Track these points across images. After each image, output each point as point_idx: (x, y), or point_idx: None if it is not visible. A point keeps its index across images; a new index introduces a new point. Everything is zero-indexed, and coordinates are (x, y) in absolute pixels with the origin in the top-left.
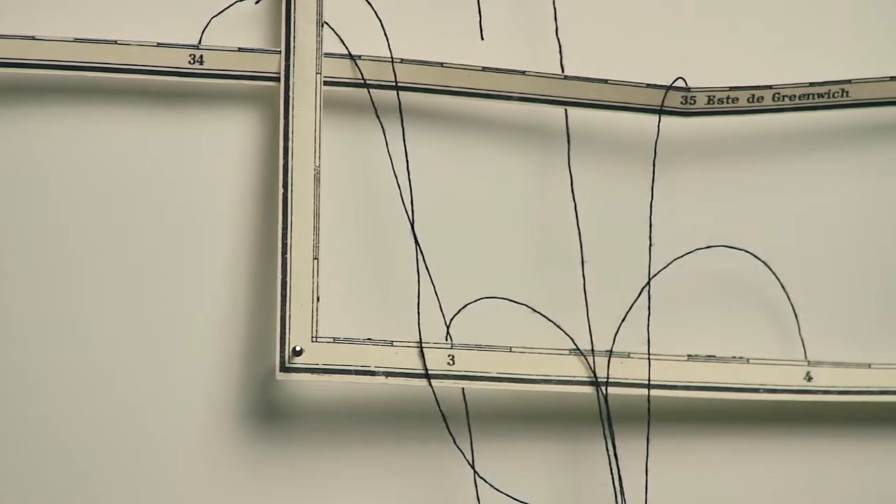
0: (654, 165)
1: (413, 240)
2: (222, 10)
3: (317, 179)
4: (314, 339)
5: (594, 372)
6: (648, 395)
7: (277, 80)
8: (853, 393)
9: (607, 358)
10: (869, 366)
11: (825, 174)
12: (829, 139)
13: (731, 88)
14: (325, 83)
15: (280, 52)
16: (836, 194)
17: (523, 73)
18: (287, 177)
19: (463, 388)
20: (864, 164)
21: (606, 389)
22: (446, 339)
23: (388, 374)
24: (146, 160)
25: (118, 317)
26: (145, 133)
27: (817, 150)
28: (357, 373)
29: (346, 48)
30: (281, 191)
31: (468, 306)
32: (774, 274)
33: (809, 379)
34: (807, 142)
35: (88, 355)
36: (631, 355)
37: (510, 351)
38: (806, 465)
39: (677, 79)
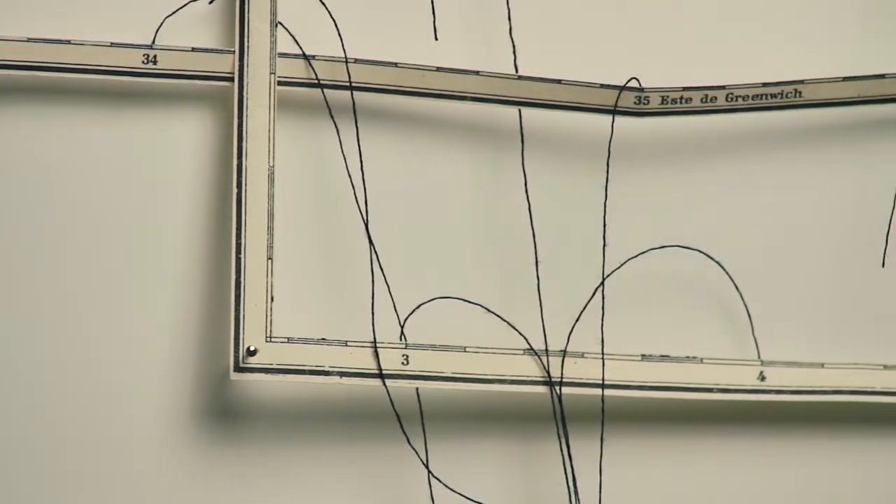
0: (607, 165)
1: (367, 240)
2: (176, 10)
3: (271, 179)
4: (268, 339)
5: (548, 372)
6: (602, 395)
7: (231, 80)
8: (806, 393)
9: (561, 358)
10: (822, 365)
11: (778, 174)
12: (782, 139)
13: (685, 89)
14: (280, 83)
15: (234, 52)
16: (790, 194)
17: (477, 73)
18: (241, 177)
19: (417, 388)
20: (817, 165)
21: (560, 389)
22: (401, 339)
23: (342, 374)
24: (100, 160)
25: (72, 316)
26: (99, 133)
27: (771, 150)
28: (311, 373)
29: (301, 48)
30: (235, 191)
31: (422, 306)
32: (728, 274)
33: (763, 379)
34: (760, 142)
35: (42, 354)
36: (585, 355)
37: (464, 351)
38: (759, 464)
39: (631, 79)
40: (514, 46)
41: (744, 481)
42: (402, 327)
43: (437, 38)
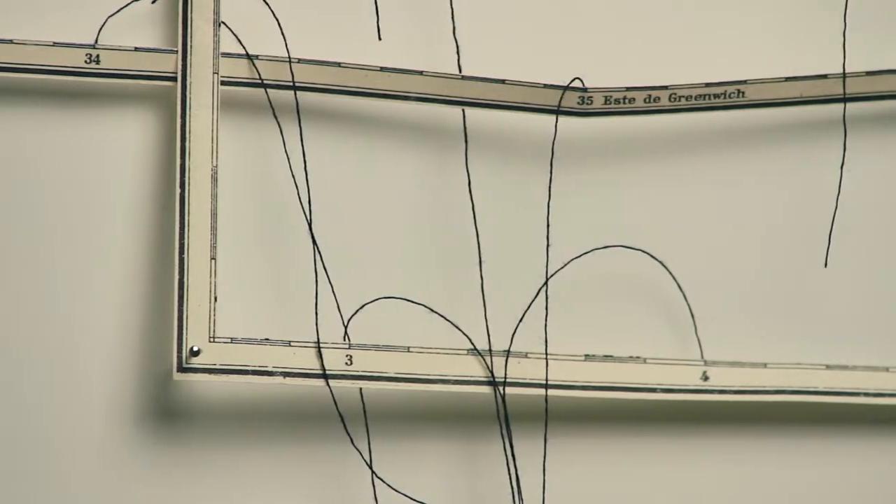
0: (551, 165)
1: (311, 240)
2: (119, 10)
3: (214, 179)
4: (211, 340)
5: (492, 372)
6: (546, 395)
7: (174, 79)
8: (749, 392)
9: (505, 358)
10: (765, 365)
11: (722, 174)
12: (725, 139)
13: (628, 89)
14: (223, 83)
15: (177, 51)
16: (732, 194)
17: (421, 73)
18: (184, 177)
19: (361, 389)
20: (760, 165)
21: (504, 389)
22: (344, 340)
23: (285, 375)
24: (42, 160)
25: (14, 316)
26: (41, 133)
27: (714, 150)
28: (255, 373)
29: (244, 48)
30: (178, 191)
31: (366, 306)
32: (671, 274)
33: (706, 378)
34: (703, 142)
35: None
36: (528, 355)
37: (408, 351)
38: (701, 463)
39: (574, 79)
40: (457, 46)
41: (686, 481)
42: (345, 327)
43: (380, 38)
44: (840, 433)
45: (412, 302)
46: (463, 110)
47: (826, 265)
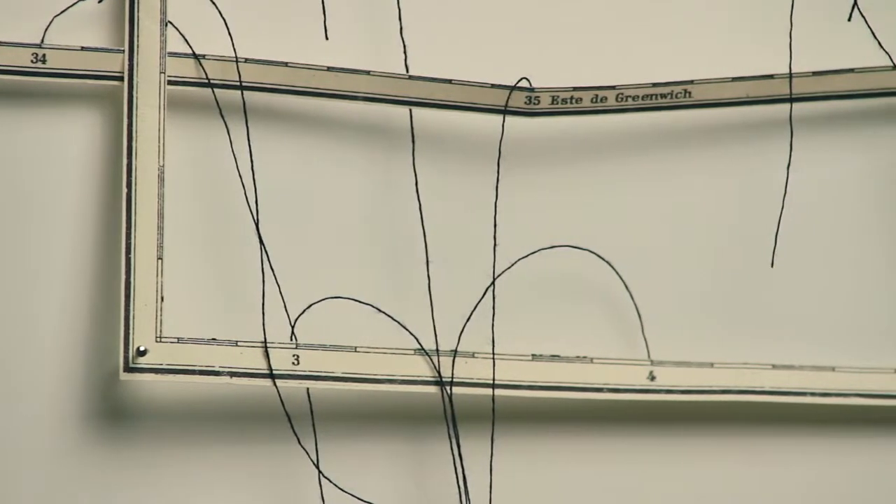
0: (498, 165)
1: (258, 239)
2: (65, 9)
3: (161, 179)
4: (158, 339)
5: (439, 372)
6: (493, 395)
7: (121, 79)
8: (696, 392)
9: (452, 358)
10: (711, 365)
11: (669, 174)
12: (672, 139)
13: (575, 89)
14: (170, 83)
15: (124, 51)
16: (680, 194)
17: (368, 73)
18: (131, 176)
19: (308, 388)
20: (707, 165)
21: (451, 389)
22: (291, 339)
23: (232, 374)
24: None
25: None
26: None
27: (661, 150)
28: (201, 373)
29: (191, 47)
30: (125, 190)
31: (313, 306)
32: (618, 274)
33: (652, 378)
34: (650, 142)
35: None
36: (475, 355)
37: (355, 351)
38: (648, 463)
39: (521, 79)
40: (404, 46)
41: (633, 481)
42: (292, 327)
43: (327, 38)
44: (786, 433)
45: (359, 302)
46: (410, 110)
47: (772, 265)
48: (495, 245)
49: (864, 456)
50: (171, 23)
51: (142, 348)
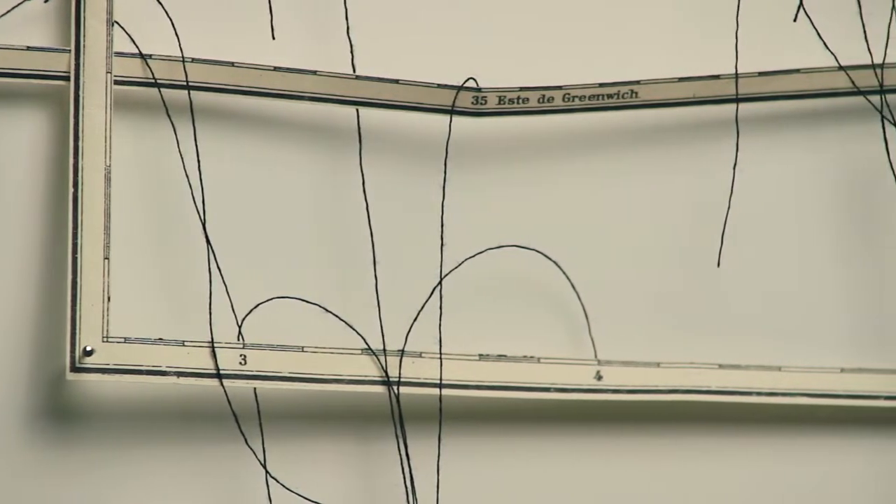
0: (445, 165)
1: (205, 239)
2: (11, 9)
3: (108, 179)
4: (105, 339)
5: (386, 372)
6: (440, 395)
7: (67, 79)
8: (642, 392)
9: (399, 358)
10: (658, 365)
11: (615, 174)
12: (618, 139)
13: (522, 89)
14: (116, 82)
15: (70, 51)
16: (626, 194)
17: (315, 73)
18: (77, 176)
19: (255, 388)
20: (653, 165)
21: (398, 389)
22: (238, 339)
23: (179, 374)
24: None
25: None
26: None
27: (607, 150)
28: (148, 373)
29: (137, 47)
30: (71, 190)
31: (260, 306)
32: (565, 273)
33: (599, 378)
34: (597, 142)
35: None
36: (423, 355)
37: (302, 351)
38: (595, 463)
39: (468, 79)
40: (351, 46)
41: (579, 480)
42: (239, 327)
43: (274, 38)
44: (733, 432)
45: (306, 302)
46: (357, 110)
47: (719, 265)
48: (442, 245)
49: (810, 455)
50: (117, 22)
51: (88, 348)
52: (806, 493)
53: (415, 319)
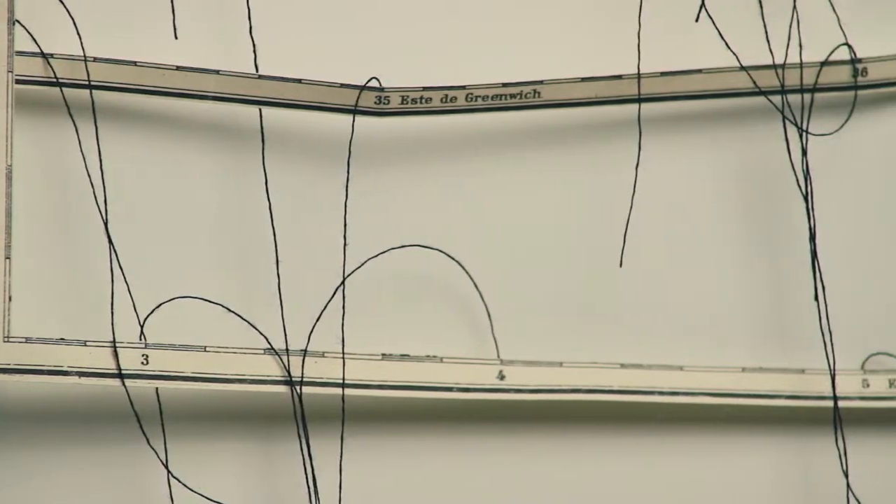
0: (348, 165)
1: (107, 239)
2: None
3: (9, 178)
4: (6, 339)
5: (289, 371)
6: (343, 395)
7: None
8: (545, 391)
9: (302, 357)
10: (561, 364)
11: (518, 174)
12: (521, 139)
13: (425, 89)
14: (17, 82)
15: None
16: (530, 194)
17: (217, 72)
18: None
19: (157, 388)
20: (556, 165)
21: (301, 389)
22: (140, 339)
23: (81, 374)
24: None
25: None
26: None
27: (511, 150)
28: (50, 373)
29: (39, 46)
30: None
31: (163, 306)
32: (468, 273)
33: (502, 378)
34: (500, 142)
35: None
36: (325, 355)
37: (205, 350)
38: (499, 462)
39: (371, 79)
40: (254, 46)
41: (482, 480)
42: (141, 327)
43: (176, 37)
44: (635, 432)
45: (209, 301)
46: (260, 110)
47: (621, 265)
48: (345, 245)
49: (712, 454)
50: (18, 21)
51: None
52: (708, 491)
53: (317, 319)
